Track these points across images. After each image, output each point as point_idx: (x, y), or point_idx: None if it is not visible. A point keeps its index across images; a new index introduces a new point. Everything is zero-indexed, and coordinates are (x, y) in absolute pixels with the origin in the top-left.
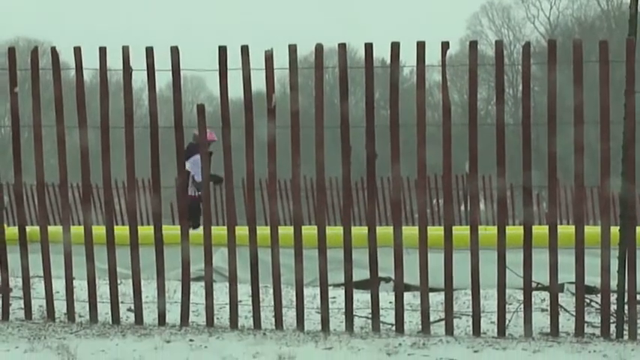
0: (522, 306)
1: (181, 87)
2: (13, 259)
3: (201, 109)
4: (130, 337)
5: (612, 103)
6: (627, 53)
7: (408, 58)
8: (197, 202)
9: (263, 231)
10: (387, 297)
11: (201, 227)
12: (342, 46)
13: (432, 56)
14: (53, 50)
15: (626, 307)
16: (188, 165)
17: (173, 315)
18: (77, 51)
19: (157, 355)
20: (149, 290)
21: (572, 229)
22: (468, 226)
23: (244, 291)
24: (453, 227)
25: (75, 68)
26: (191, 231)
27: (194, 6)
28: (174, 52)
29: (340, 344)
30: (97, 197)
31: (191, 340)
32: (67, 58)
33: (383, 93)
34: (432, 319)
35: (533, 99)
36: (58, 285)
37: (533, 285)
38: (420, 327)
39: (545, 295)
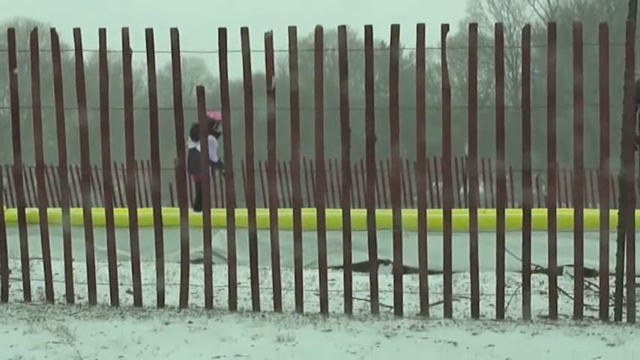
0: (521, 289)
1: (181, 68)
2: (13, 240)
3: (200, 90)
4: (129, 319)
5: (612, 86)
6: (627, 35)
7: (407, 40)
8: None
9: (262, 213)
10: (385, 279)
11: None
12: (342, 28)
13: (432, 38)
14: (53, 31)
15: (624, 289)
16: (198, 146)
17: (172, 297)
18: (77, 32)
19: (156, 337)
20: (148, 272)
21: (571, 211)
22: (467, 209)
23: (243, 273)
24: (452, 210)
25: (74, 49)
26: (196, 212)
27: None
28: (174, 33)
29: (339, 326)
30: (96, 179)
31: (190, 322)
32: (66, 39)
33: (382, 75)
34: (430, 301)
35: (532, 81)
36: (57, 267)
37: (532, 268)
38: (419, 309)
39: (544, 277)
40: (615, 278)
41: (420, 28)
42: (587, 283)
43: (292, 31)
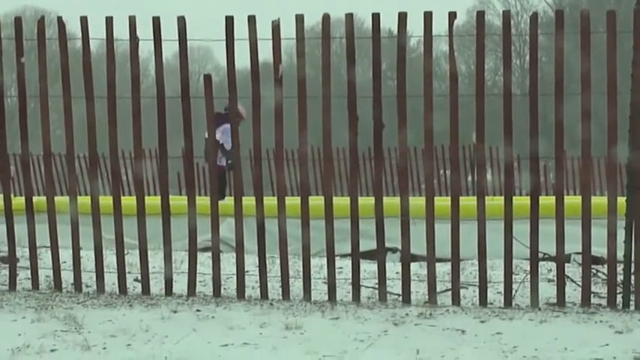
0: (529, 276)
1: (188, 57)
2: (20, 229)
3: (208, 79)
4: (136, 307)
5: (620, 74)
6: (635, 23)
7: (415, 28)
8: (224, 172)
9: (270, 201)
10: (393, 267)
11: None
12: (349, 16)
13: (439, 26)
14: (59, 20)
15: (632, 277)
16: (217, 135)
17: (180, 285)
18: (84, 21)
19: (164, 325)
20: (156, 260)
21: (578, 199)
22: (475, 197)
23: (251, 261)
24: (460, 197)
25: (81, 38)
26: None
27: None
28: (181, 21)
29: (347, 314)
30: (103, 167)
31: (198, 311)
32: (73, 27)
33: (390, 63)
34: (438, 289)
35: (540, 69)
36: (65, 255)
37: (540, 255)
38: (427, 297)
39: (552, 265)
40: (623, 265)
41: (428, 16)
42: (594, 271)
43: (299, 19)
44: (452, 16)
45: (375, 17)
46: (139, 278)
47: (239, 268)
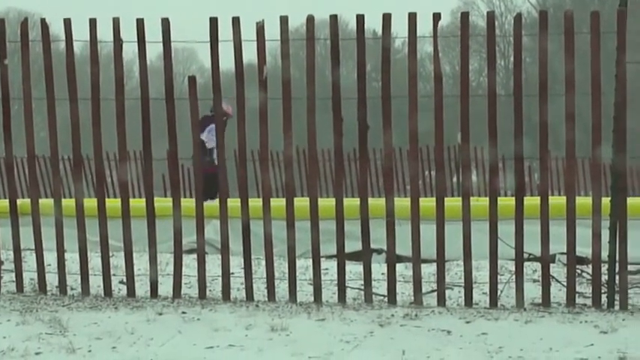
0: (514, 277)
1: (172, 58)
2: (4, 231)
3: (192, 80)
4: (122, 310)
5: (603, 74)
6: (618, 24)
7: (399, 29)
8: (214, 173)
9: (255, 202)
10: (379, 268)
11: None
12: (334, 17)
13: (424, 27)
14: (43, 22)
15: (617, 277)
16: (203, 135)
17: (165, 287)
18: (67, 22)
19: (150, 328)
20: (141, 263)
21: (563, 199)
22: (460, 197)
23: (236, 263)
24: (445, 198)
25: (65, 40)
26: (210, 202)
27: None
28: (165, 23)
29: (333, 315)
30: (88, 169)
31: (183, 313)
32: (57, 29)
33: (374, 65)
34: (424, 290)
35: (524, 70)
36: (50, 258)
37: (525, 256)
38: (412, 298)
39: (537, 265)
40: (608, 266)
41: (412, 17)
42: (579, 271)
43: (284, 21)
44: (436, 17)
45: (360, 19)
46: (124, 280)
47: (224, 269)
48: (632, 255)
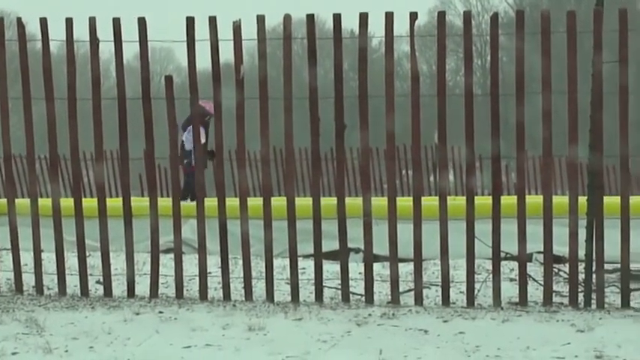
0: (491, 276)
1: (149, 58)
2: None
3: (169, 80)
4: (99, 310)
5: (580, 74)
6: (595, 23)
7: (376, 29)
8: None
9: (232, 202)
10: (356, 268)
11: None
12: (311, 17)
13: (401, 27)
14: (19, 21)
15: (594, 275)
16: (183, 136)
17: (142, 287)
18: (43, 22)
19: (127, 327)
20: (118, 262)
21: (540, 198)
22: (437, 197)
23: (214, 262)
24: (422, 197)
25: (41, 39)
26: (189, 202)
27: None
28: (142, 22)
29: (310, 315)
30: (64, 169)
31: (160, 312)
32: (33, 29)
33: (352, 64)
34: (401, 289)
35: (501, 69)
36: (26, 258)
37: (502, 255)
38: (390, 297)
39: (514, 264)
40: (584, 264)
41: (389, 17)
42: (556, 270)
43: (261, 20)
44: (413, 16)
45: (337, 18)
46: (101, 280)
47: (201, 269)
48: (608, 254)
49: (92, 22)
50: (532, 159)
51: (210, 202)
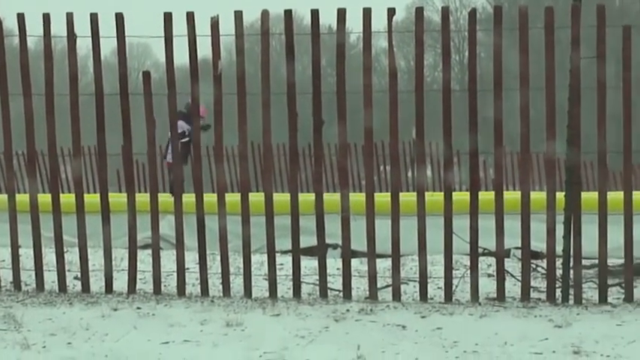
0: (469, 271)
1: (126, 54)
2: None
3: (146, 76)
4: (77, 306)
5: (557, 69)
6: (572, 18)
7: (354, 24)
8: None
9: (210, 198)
10: (334, 263)
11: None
12: (288, 12)
13: (379, 22)
14: None
15: (571, 271)
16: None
17: (120, 283)
18: (21, 17)
19: (105, 323)
20: (96, 258)
21: (518, 194)
22: (415, 192)
23: (191, 258)
24: (400, 193)
25: (19, 35)
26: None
27: None
28: (119, 18)
29: (288, 310)
30: (42, 164)
31: (138, 308)
32: (10, 24)
33: (330, 60)
34: (379, 285)
35: (479, 65)
36: (4, 253)
37: (480, 250)
38: (368, 293)
39: (492, 260)
40: (562, 260)
41: (367, 12)
42: (534, 266)
43: (238, 16)
44: (391, 12)
45: (314, 14)
46: (79, 276)
47: (179, 265)
48: (586, 249)
49: (70, 17)
50: (510, 155)
51: (188, 198)
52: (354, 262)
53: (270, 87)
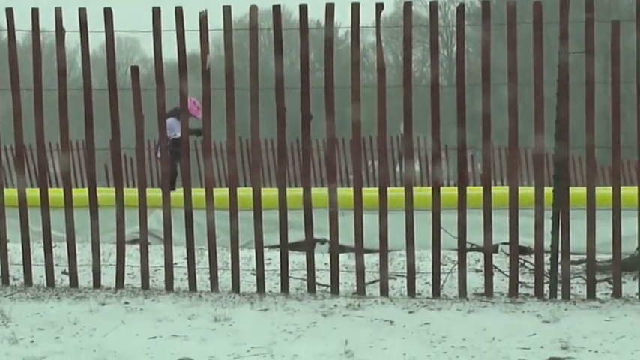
0: (457, 266)
1: (115, 48)
2: None
3: (135, 70)
4: (65, 300)
5: (545, 64)
6: (560, 13)
7: (342, 19)
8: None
9: (198, 192)
10: (322, 258)
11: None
12: (277, 7)
13: (367, 17)
14: None
15: (559, 266)
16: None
17: (108, 278)
18: (9, 12)
19: (93, 318)
20: (84, 253)
21: (506, 189)
22: (403, 187)
23: (179, 253)
24: (388, 188)
25: (7, 30)
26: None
27: None
28: (108, 13)
29: (276, 305)
30: (30, 159)
31: (126, 303)
32: None
33: (318, 55)
34: (367, 280)
35: (467, 60)
36: None
37: (468, 245)
38: (356, 288)
39: (480, 255)
40: (550, 255)
41: (355, 7)
42: (522, 261)
43: (227, 11)
44: (379, 7)
45: (303, 8)
46: (67, 271)
47: (167, 260)
48: (574, 245)
49: (58, 12)
50: (498, 150)
51: (176, 193)
52: (342, 257)
53: (258, 82)
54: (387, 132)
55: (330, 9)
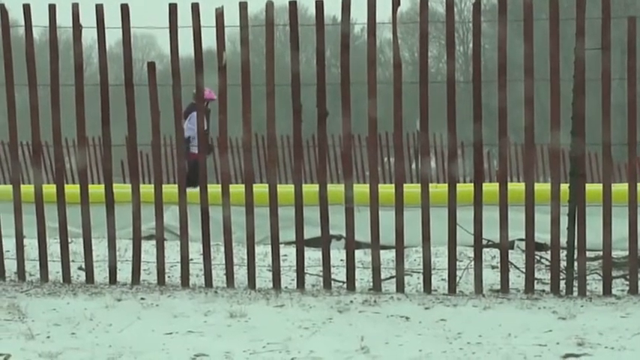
0: (473, 263)
1: (131, 44)
2: None
3: (151, 66)
4: (80, 296)
5: (562, 61)
6: (577, 10)
7: (358, 15)
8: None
9: (214, 188)
10: (338, 255)
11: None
12: (293, 4)
13: (383, 14)
14: (2, 7)
15: (575, 263)
16: (184, 124)
17: (124, 273)
18: (26, 8)
19: (109, 314)
20: (100, 249)
21: (522, 185)
22: (419, 184)
23: (195, 249)
24: (404, 185)
25: (24, 26)
26: (192, 189)
27: None
28: (124, 9)
29: (291, 302)
30: (47, 155)
31: (142, 299)
32: (16, 15)
33: (334, 51)
34: (383, 276)
35: (483, 56)
36: (8, 244)
37: (484, 242)
38: (371, 284)
39: (496, 252)
40: (566, 252)
41: (371, 3)
42: (538, 257)
43: (243, 7)
44: (395, 3)
45: (319, 4)
46: (83, 266)
47: (183, 255)
48: (590, 241)
49: (75, 8)
50: (514, 146)
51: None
52: (358, 254)
53: (274, 78)
54: (402, 128)
55: (346, 5)
